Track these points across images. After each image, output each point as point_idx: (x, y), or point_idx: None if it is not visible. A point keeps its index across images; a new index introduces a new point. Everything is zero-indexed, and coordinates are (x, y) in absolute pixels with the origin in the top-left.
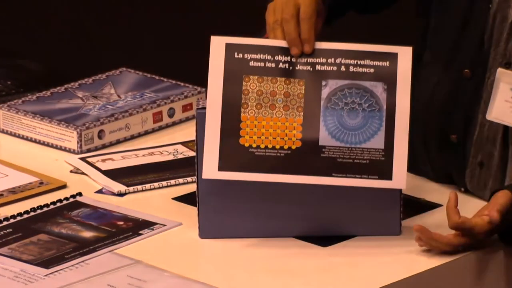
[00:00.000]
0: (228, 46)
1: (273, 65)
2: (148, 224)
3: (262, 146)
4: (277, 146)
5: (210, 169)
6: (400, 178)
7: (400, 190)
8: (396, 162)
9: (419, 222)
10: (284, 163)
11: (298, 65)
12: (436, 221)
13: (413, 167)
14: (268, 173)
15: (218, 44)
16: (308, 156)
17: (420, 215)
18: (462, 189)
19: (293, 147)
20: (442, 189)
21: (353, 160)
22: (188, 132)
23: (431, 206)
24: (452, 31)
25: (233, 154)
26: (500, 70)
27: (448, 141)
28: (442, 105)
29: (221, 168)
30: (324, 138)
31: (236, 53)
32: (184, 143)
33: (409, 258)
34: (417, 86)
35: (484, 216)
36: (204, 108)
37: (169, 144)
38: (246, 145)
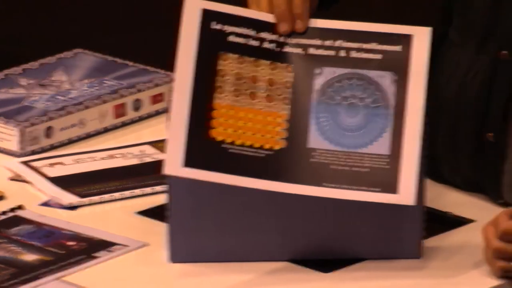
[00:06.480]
0: (205, 13)
1: (257, 43)
2: (105, 245)
3: (238, 142)
4: (256, 145)
5: (173, 164)
6: (408, 191)
7: (423, 203)
8: (404, 172)
9: (445, 242)
10: (264, 166)
11: (287, 47)
12: (466, 241)
13: (434, 173)
14: (243, 176)
15: (192, 9)
16: (293, 160)
17: (446, 234)
18: (500, 201)
19: (276, 147)
20: (474, 201)
21: (350, 168)
22: (157, 129)
23: (461, 222)
24: (485, 3)
25: (202, 148)
26: None
27: (482, 141)
28: (474, 97)
29: (186, 163)
30: (315, 139)
31: (213, 23)
32: (152, 143)
33: (431, 287)
34: (442, 73)
35: None
36: None
37: (134, 144)
38: (218, 138)
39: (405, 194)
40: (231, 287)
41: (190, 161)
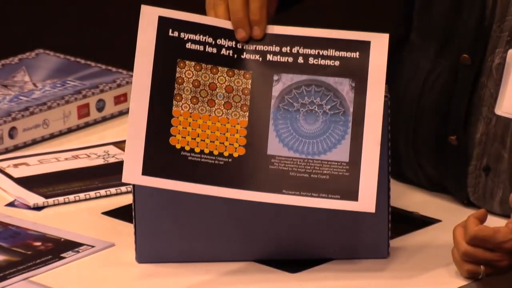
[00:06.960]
0: (162, 20)
1: (215, 50)
2: (72, 245)
3: (197, 150)
4: (216, 152)
5: (132, 172)
6: (368, 199)
7: (388, 203)
8: (364, 179)
9: (412, 241)
10: (223, 173)
11: (245, 53)
12: (433, 241)
13: (398, 173)
14: (203, 184)
15: (149, 16)
16: (253, 167)
17: (412, 233)
18: (465, 201)
19: (235, 154)
20: (439, 201)
21: (309, 175)
22: (121, 129)
23: (427, 222)
24: (445, 7)
25: (161, 156)
26: (511, 52)
27: (445, 144)
28: (436, 99)
29: (145, 171)
30: (274, 146)
31: (170, 30)
32: (116, 144)
33: (398, 287)
34: (402, 75)
35: (509, 224)
36: None
37: (99, 145)
38: (178, 146)
39: (365, 201)
40: (197, 287)
41: (149, 169)
